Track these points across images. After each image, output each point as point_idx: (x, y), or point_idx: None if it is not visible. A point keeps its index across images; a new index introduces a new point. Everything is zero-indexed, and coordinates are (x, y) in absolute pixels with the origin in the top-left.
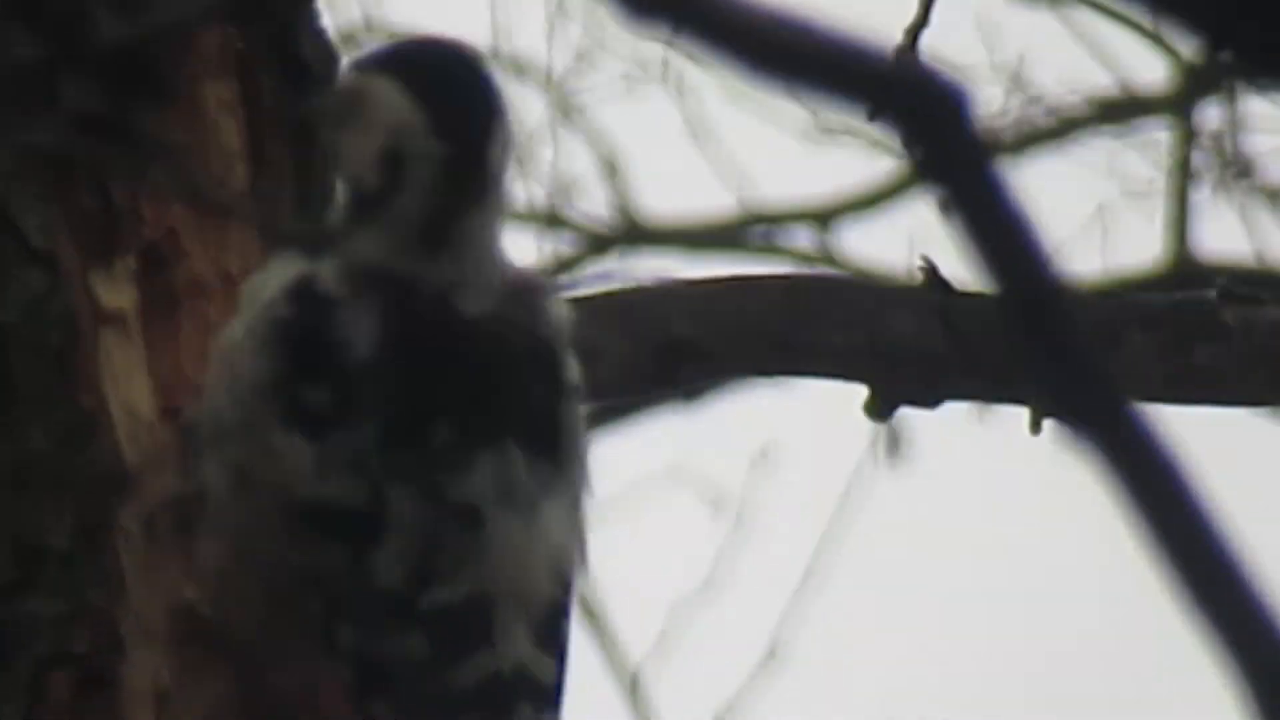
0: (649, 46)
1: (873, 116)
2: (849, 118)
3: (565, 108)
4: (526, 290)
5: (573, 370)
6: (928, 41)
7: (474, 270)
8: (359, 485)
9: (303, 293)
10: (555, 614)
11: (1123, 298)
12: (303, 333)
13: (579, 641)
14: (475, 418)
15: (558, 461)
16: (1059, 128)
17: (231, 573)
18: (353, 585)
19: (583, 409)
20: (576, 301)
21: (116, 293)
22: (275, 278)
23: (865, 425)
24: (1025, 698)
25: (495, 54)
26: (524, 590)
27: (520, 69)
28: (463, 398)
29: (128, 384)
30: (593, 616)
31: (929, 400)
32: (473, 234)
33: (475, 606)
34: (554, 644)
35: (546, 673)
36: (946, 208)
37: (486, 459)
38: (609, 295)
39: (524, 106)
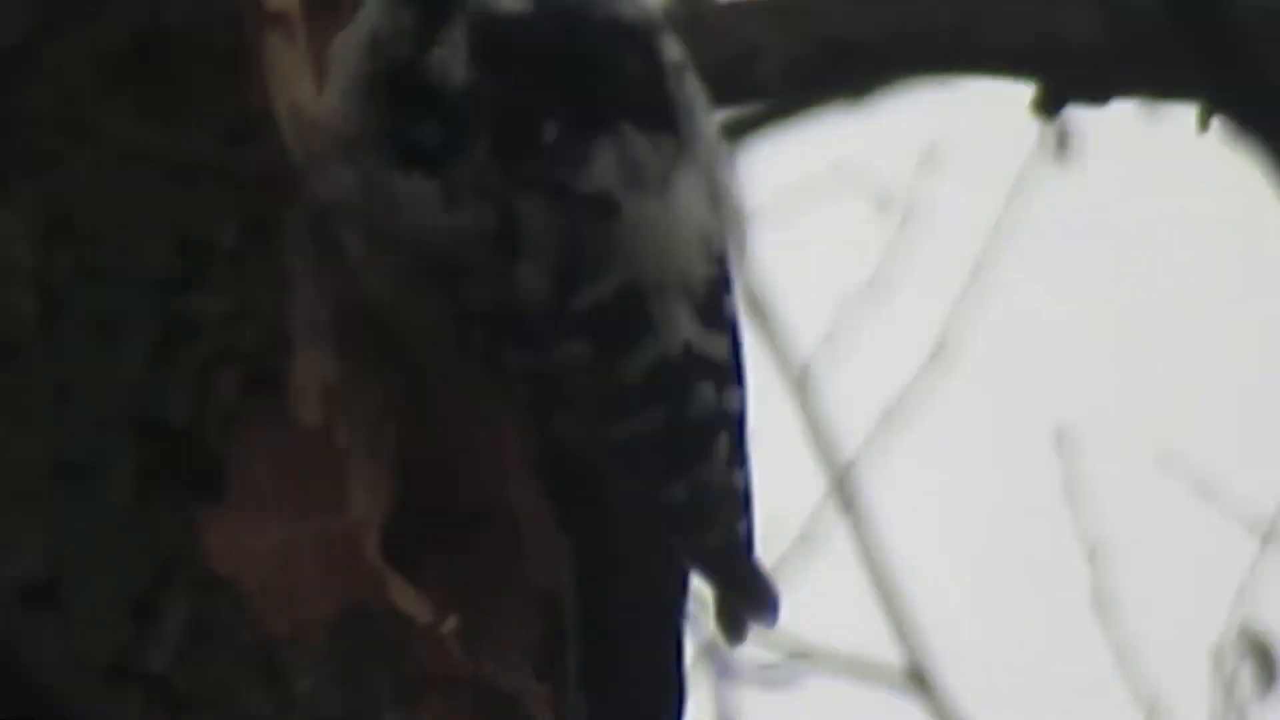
0: None
1: None
2: None
3: None
4: None
5: (673, 49)
6: None
7: None
8: (486, 208)
9: (382, 39)
10: (715, 290)
11: None
12: (395, 76)
13: (747, 340)
14: (582, 109)
15: (680, 138)
16: None
17: (388, 313)
18: (504, 306)
19: (697, 86)
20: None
21: None
22: (356, 31)
23: (1033, 124)
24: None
25: None
26: (675, 271)
27: None
28: (565, 92)
29: (293, 84)
30: (760, 314)
31: (1097, 98)
32: None
33: (627, 298)
34: (720, 319)
35: (718, 349)
36: None
37: (605, 145)
38: None
39: None
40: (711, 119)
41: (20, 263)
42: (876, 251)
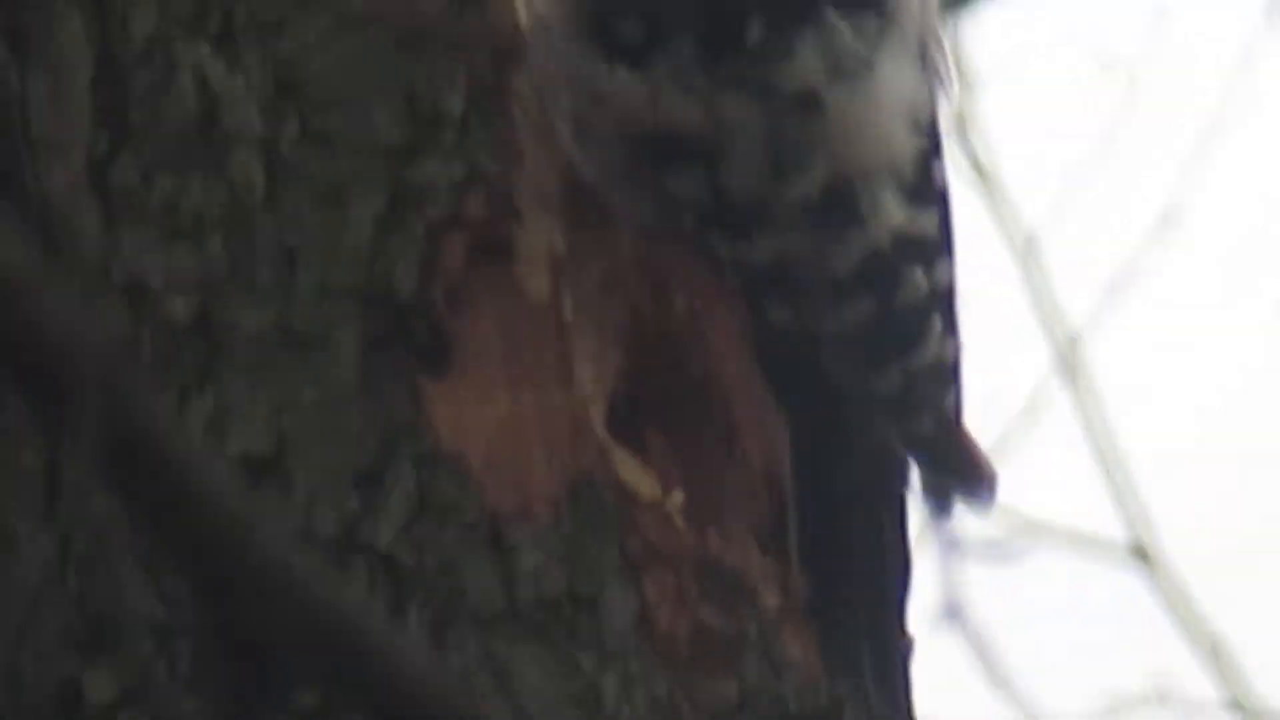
0: None
1: None
2: None
3: None
4: None
5: None
6: None
7: None
8: (692, 105)
9: None
10: (924, 162)
11: None
12: None
13: (971, 208)
14: (785, 1)
15: (884, 12)
16: None
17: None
18: (712, 197)
19: None
20: None
21: None
22: None
23: None
24: None
25: None
26: (883, 157)
27: None
28: None
29: None
30: (985, 180)
31: None
32: None
33: (835, 190)
34: (929, 193)
35: (928, 225)
36: None
37: (808, 38)
38: None
39: None
40: None
41: (248, 129)
42: (1103, 116)
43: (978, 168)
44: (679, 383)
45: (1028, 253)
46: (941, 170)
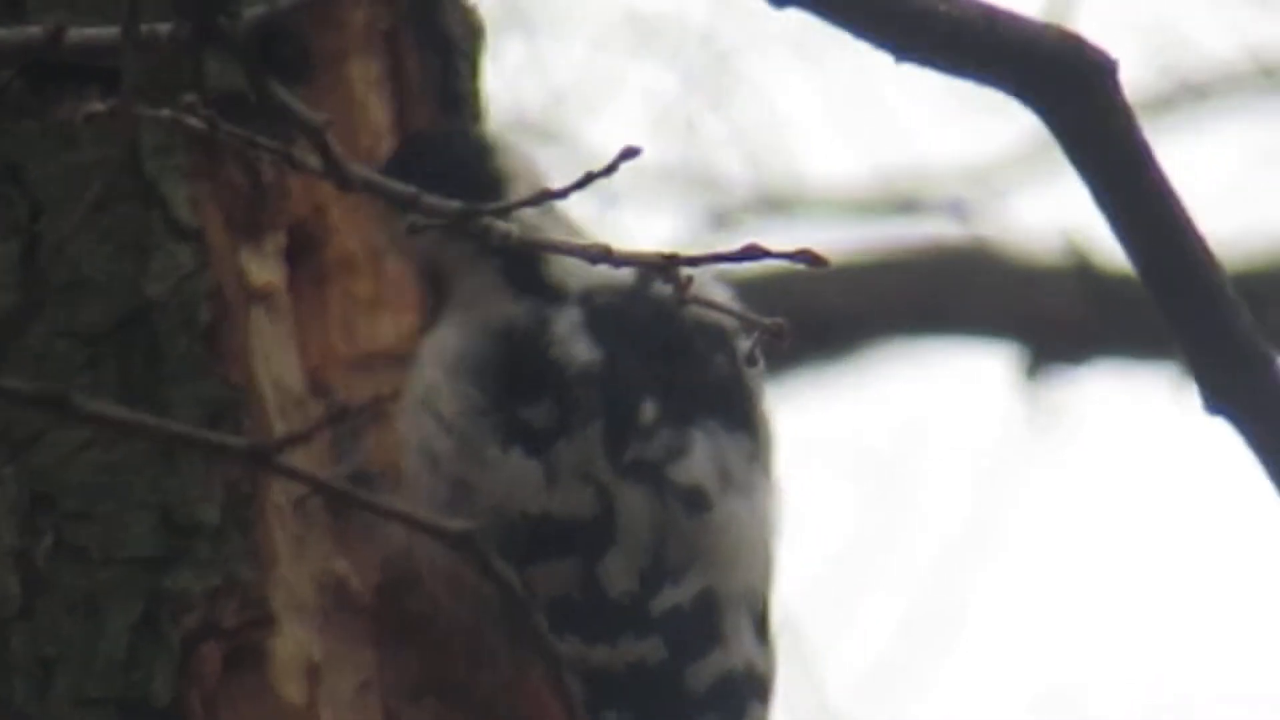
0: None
1: (1017, 92)
2: (994, 89)
3: (709, 73)
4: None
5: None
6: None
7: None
8: (588, 493)
9: (500, 324)
10: (769, 603)
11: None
12: (516, 357)
13: None
14: (678, 398)
15: (756, 441)
16: (1205, 92)
17: (434, 572)
18: (579, 595)
19: (765, 387)
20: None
21: (266, 269)
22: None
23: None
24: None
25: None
26: (746, 582)
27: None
28: (663, 377)
29: (277, 360)
30: None
31: (1076, 367)
32: None
33: (705, 604)
34: (769, 635)
35: (768, 667)
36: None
37: (699, 439)
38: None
39: (668, 69)
40: (777, 432)
41: (3, 541)
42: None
43: None
44: None
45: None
46: (775, 621)
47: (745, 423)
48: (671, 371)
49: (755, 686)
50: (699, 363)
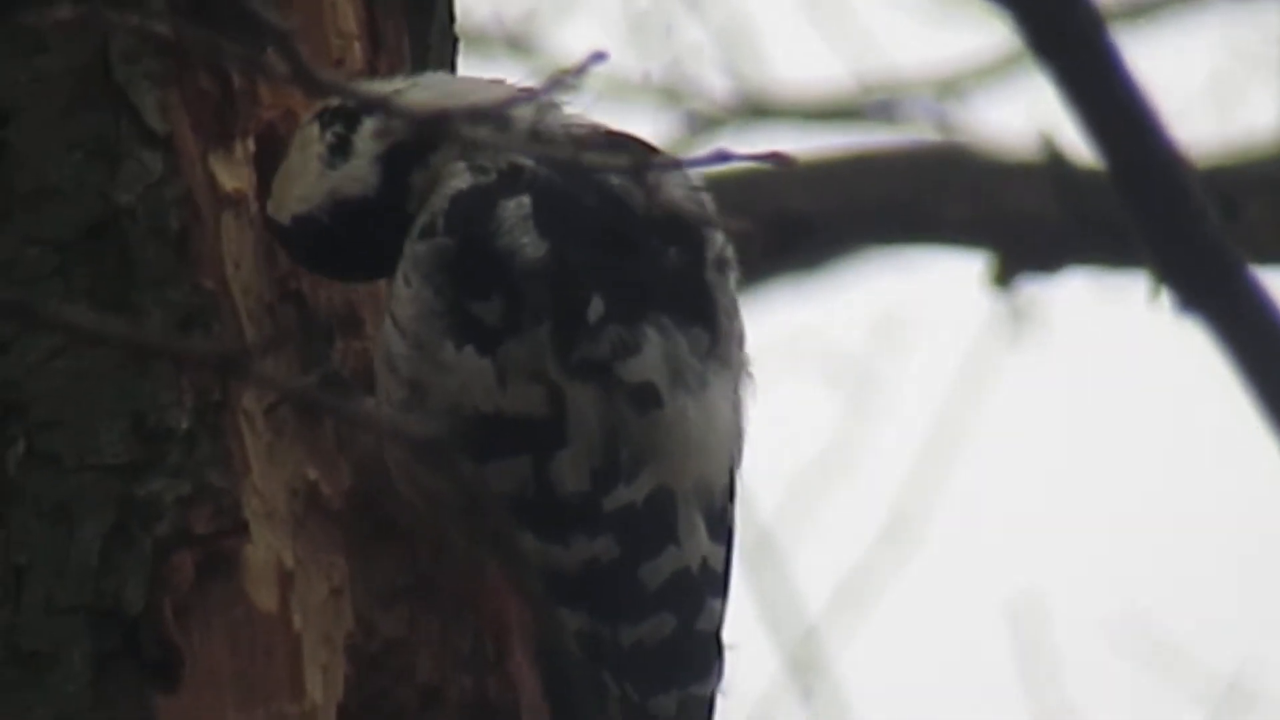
0: None
1: None
2: None
3: None
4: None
5: (720, 244)
6: None
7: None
8: (538, 392)
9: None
10: (727, 499)
11: (1240, 167)
12: (465, 250)
13: None
14: (627, 294)
15: (715, 335)
16: None
17: (403, 474)
18: (535, 497)
19: (735, 283)
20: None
21: (236, 175)
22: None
23: (987, 299)
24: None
25: None
26: (702, 479)
27: None
28: (612, 273)
29: (248, 266)
30: None
31: (1049, 270)
32: None
33: (658, 502)
34: (725, 531)
35: (721, 562)
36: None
37: (651, 336)
38: (724, 172)
39: None
40: (742, 322)
41: None
42: (833, 423)
43: None
44: (409, 694)
45: (761, 556)
46: (733, 515)
47: (702, 315)
48: (620, 265)
49: (711, 582)
50: (652, 256)
